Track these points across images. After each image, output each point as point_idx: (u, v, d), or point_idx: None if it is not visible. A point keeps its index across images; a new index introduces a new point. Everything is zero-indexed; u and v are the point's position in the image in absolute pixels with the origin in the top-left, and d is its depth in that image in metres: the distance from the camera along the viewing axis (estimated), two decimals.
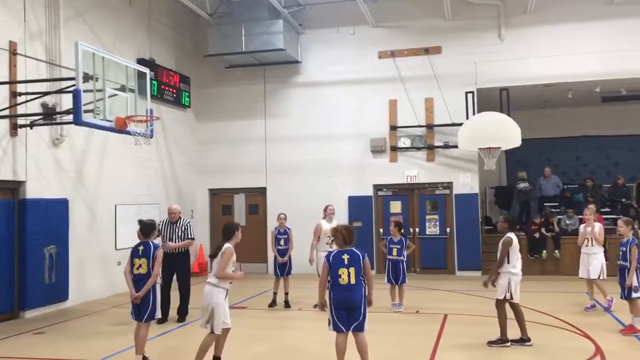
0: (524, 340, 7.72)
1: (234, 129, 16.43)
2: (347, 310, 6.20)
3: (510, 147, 13.65)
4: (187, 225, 9.89)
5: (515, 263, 7.77)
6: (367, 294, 6.33)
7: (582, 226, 10.60)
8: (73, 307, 11.16)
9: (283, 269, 10.91)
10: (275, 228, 11.18)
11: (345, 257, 6.24)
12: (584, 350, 7.44)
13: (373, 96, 15.55)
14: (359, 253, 6.30)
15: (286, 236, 10.99)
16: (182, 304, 9.80)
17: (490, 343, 7.73)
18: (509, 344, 7.64)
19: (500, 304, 7.75)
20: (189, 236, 9.85)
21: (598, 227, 10.24)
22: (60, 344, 8.39)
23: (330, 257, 6.30)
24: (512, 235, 7.85)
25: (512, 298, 7.68)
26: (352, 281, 6.17)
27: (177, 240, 9.73)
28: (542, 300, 11.08)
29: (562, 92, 15.66)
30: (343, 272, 6.18)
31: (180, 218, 9.91)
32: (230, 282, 6.65)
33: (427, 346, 7.76)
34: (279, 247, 10.96)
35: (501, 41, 14.95)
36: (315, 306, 10.44)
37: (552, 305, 10.52)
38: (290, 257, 10.98)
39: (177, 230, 9.79)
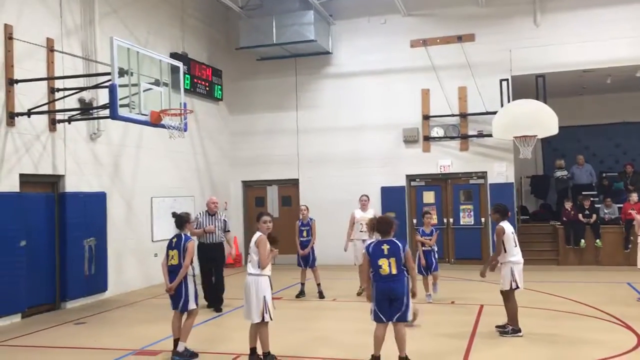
0: (515, 330, 7.76)
1: (266, 121, 16.51)
2: (389, 301, 6.20)
3: (547, 135, 13.37)
4: (224, 218, 10.38)
5: (513, 251, 7.77)
6: (410, 285, 6.31)
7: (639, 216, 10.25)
8: (112, 298, 11.41)
9: (306, 261, 10.93)
10: (299, 220, 11.16)
11: (385, 247, 6.26)
12: (625, 342, 7.27)
13: (405, 86, 15.41)
14: (399, 244, 6.30)
15: (309, 227, 10.96)
16: (218, 294, 10.10)
17: (502, 333, 7.70)
18: (521, 333, 7.63)
19: (508, 294, 7.76)
20: (227, 229, 10.30)
21: None
22: (101, 333, 8.59)
23: (370, 248, 6.32)
24: (504, 224, 7.82)
25: (517, 287, 7.69)
26: (394, 271, 6.18)
27: (216, 231, 10.09)
28: (582, 291, 10.90)
29: (600, 78, 15.23)
30: (383, 262, 6.20)
31: (217, 210, 10.35)
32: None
33: (463, 337, 7.70)
34: (302, 239, 10.94)
35: (536, 27, 14.62)
36: (359, 294, 10.51)
37: (592, 296, 10.32)
38: (312, 249, 10.95)
39: (215, 222, 10.17)
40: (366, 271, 6.35)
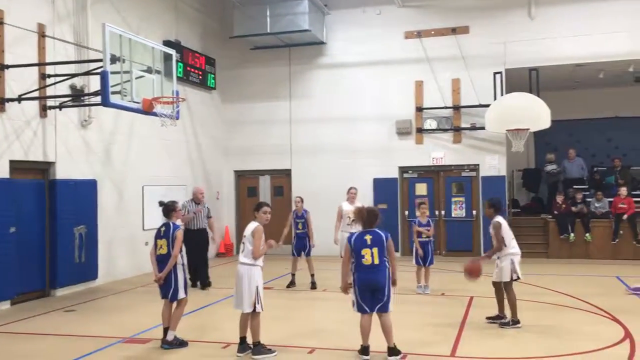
0: (500, 317, 7.96)
1: (259, 111, 16.45)
2: (371, 292, 6.24)
3: (539, 128, 13.37)
4: (207, 206, 11.39)
5: (512, 243, 7.88)
6: (391, 274, 6.35)
7: None
8: (102, 286, 11.38)
9: (300, 249, 10.94)
10: (293, 211, 11.14)
11: (368, 237, 6.28)
12: (613, 335, 7.34)
13: (399, 77, 15.38)
14: (382, 234, 6.33)
15: (303, 220, 10.96)
16: (203, 274, 11.05)
17: (502, 325, 7.79)
18: (520, 324, 7.73)
19: (508, 286, 7.84)
20: (209, 215, 11.31)
21: None
22: (90, 321, 8.57)
23: (352, 239, 6.33)
24: (499, 218, 7.89)
25: (518, 278, 7.80)
26: (376, 261, 6.21)
27: (201, 218, 11.08)
28: (571, 284, 10.98)
29: (593, 72, 15.26)
30: (366, 252, 6.22)
31: (203, 199, 11.32)
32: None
33: (452, 328, 7.74)
34: (297, 231, 10.96)
35: (531, 20, 14.61)
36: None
37: (581, 288, 10.40)
38: (308, 237, 10.94)
39: (201, 209, 11.07)
40: (347, 263, 6.35)
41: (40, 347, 7.29)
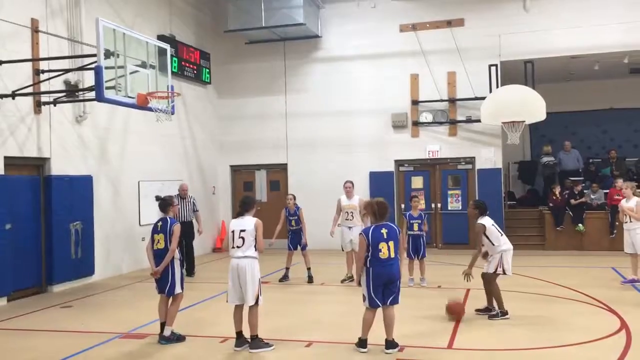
0: (488, 309, 7.97)
1: (254, 105, 16.40)
2: (384, 285, 6.28)
3: (535, 121, 13.42)
4: (193, 200, 12.10)
5: (501, 241, 7.86)
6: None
7: (622, 201, 10.43)
8: (99, 282, 11.37)
9: (295, 243, 10.93)
10: (286, 208, 11.09)
11: (384, 231, 6.34)
12: (609, 325, 7.36)
13: (394, 70, 15.35)
14: (395, 227, 6.42)
15: (296, 217, 10.93)
16: (191, 263, 11.83)
17: (491, 317, 7.81)
18: (508, 315, 7.75)
19: (490, 277, 7.86)
20: (196, 209, 12.07)
21: (634, 202, 10.04)
22: (87, 317, 8.56)
23: (370, 233, 6.34)
24: (483, 220, 7.89)
25: (504, 273, 7.80)
26: (392, 255, 6.28)
27: (187, 212, 11.85)
28: (567, 275, 11.02)
29: (588, 64, 15.27)
30: (383, 246, 6.27)
31: (187, 194, 12.05)
32: None
33: (449, 321, 7.75)
34: (291, 228, 10.94)
35: (526, 12, 14.60)
36: (342, 281, 10.58)
37: (577, 280, 10.44)
38: (302, 233, 10.91)
39: (187, 204, 11.88)
40: (363, 257, 6.35)
41: (37, 343, 7.28)
